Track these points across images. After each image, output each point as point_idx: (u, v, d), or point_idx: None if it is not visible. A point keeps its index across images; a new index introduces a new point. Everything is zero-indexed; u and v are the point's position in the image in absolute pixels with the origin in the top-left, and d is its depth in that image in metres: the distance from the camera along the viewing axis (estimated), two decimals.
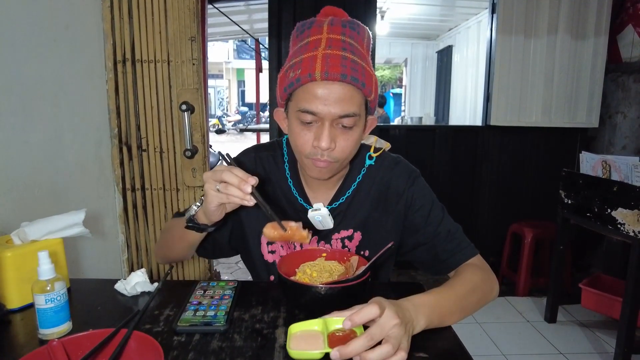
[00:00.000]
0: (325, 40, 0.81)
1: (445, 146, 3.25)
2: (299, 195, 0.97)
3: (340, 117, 0.80)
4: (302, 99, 0.81)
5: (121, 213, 1.82)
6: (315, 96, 0.79)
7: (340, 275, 0.82)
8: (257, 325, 0.74)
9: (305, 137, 0.83)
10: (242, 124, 16.27)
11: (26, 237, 0.84)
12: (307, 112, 0.80)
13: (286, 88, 0.83)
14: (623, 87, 3.04)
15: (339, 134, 0.83)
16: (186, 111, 1.68)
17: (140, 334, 0.58)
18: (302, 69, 0.79)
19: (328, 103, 0.79)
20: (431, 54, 6.21)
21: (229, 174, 0.74)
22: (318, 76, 0.77)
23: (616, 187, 2.06)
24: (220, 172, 0.75)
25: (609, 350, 2.24)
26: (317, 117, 0.80)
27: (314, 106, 0.79)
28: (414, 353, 0.67)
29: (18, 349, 0.68)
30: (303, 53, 0.81)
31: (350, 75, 0.78)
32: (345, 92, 0.79)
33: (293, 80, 0.81)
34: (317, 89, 0.79)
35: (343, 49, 0.80)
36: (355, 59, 0.80)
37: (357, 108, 0.81)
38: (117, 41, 1.70)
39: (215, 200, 0.76)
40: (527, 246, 2.84)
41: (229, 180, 0.73)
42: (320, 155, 0.83)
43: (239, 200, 0.74)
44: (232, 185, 0.73)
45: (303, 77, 0.79)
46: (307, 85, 0.80)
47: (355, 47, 0.82)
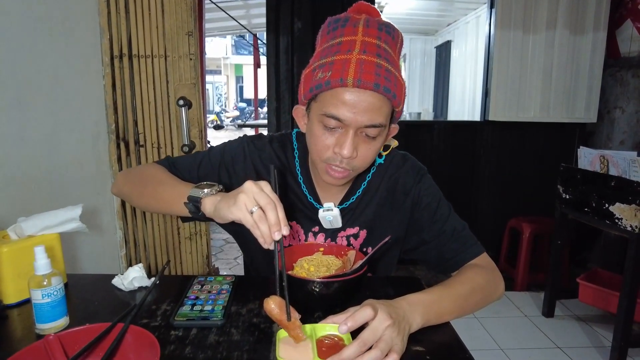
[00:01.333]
0: (360, 43, 0.77)
1: (443, 141, 3.25)
2: (309, 194, 0.96)
3: (366, 127, 0.78)
4: (328, 103, 0.77)
5: (119, 209, 1.82)
6: (344, 102, 0.75)
7: (338, 270, 0.82)
8: (255, 320, 0.74)
9: (326, 141, 0.80)
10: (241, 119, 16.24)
11: (23, 232, 0.83)
12: (333, 118, 0.77)
13: (312, 89, 0.79)
14: (622, 82, 3.04)
15: (361, 143, 0.80)
16: (183, 106, 1.67)
17: (137, 328, 0.58)
18: (334, 71, 0.75)
19: (356, 111, 0.75)
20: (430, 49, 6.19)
21: (272, 211, 0.67)
22: (350, 82, 0.74)
23: (614, 182, 2.06)
24: (266, 201, 0.67)
25: (606, 344, 2.25)
26: (342, 124, 0.77)
27: (340, 112, 0.76)
28: (411, 347, 0.67)
29: (15, 344, 0.68)
30: (335, 54, 0.77)
31: (384, 86, 0.74)
32: (375, 102, 0.76)
33: (322, 82, 0.77)
34: (347, 95, 0.75)
35: (378, 55, 0.76)
36: (389, 67, 0.76)
37: (384, 119, 0.78)
38: (113, 36, 1.70)
39: (240, 217, 0.68)
40: (525, 241, 2.85)
41: (269, 216, 0.66)
42: (339, 161, 0.80)
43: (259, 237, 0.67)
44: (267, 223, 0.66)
45: (334, 81, 0.75)
46: (337, 90, 0.76)
47: (389, 54, 0.79)
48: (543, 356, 2.18)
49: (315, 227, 0.96)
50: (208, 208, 0.75)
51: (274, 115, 2.95)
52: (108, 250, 1.82)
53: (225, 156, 0.96)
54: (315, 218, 0.94)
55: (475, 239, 0.95)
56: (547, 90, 3.10)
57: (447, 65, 5.33)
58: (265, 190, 0.69)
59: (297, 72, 2.87)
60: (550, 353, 2.21)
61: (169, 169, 0.96)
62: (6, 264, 0.79)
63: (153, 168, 0.94)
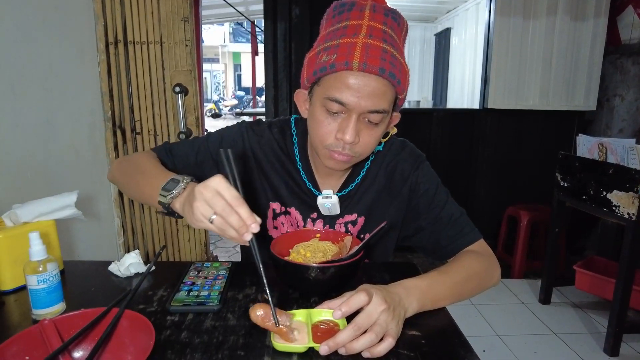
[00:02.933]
0: (366, 27, 0.76)
1: (442, 129, 3.24)
2: (307, 180, 0.95)
3: (369, 112, 0.77)
4: (332, 86, 0.76)
5: (116, 197, 1.81)
6: (348, 86, 0.75)
7: (334, 255, 0.82)
8: (251, 305, 0.74)
9: (328, 127, 0.79)
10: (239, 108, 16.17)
11: (18, 219, 0.83)
12: (336, 102, 0.76)
13: (316, 72, 0.78)
14: (622, 69, 3.02)
15: (363, 129, 0.79)
16: (180, 93, 1.66)
17: (132, 312, 0.58)
18: (339, 54, 0.74)
19: (360, 96, 0.75)
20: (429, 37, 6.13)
21: (232, 215, 0.61)
22: (355, 66, 0.73)
23: (612, 170, 2.06)
24: (222, 205, 0.61)
25: (601, 330, 2.27)
26: (345, 109, 0.77)
27: (344, 96, 0.75)
28: (406, 331, 0.67)
29: (12, 330, 0.69)
30: (341, 37, 0.76)
31: (389, 71, 0.74)
32: (379, 87, 0.75)
33: (326, 65, 0.76)
34: (351, 79, 0.74)
35: (384, 41, 0.75)
36: (395, 53, 0.76)
37: (387, 105, 0.78)
38: (108, 22, 1.68)
39: (202, 227, 0.64)
40: (522, 229, 2.86)
41: (230, 220, 0.61)
42: (341, 148, 0.80)
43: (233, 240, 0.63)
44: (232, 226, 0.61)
45: (339, 64, 0.74)
46: (341, 73, 0.75)
47: (395, 40, 0.78)
48: (539, 342, 2.21)
49: (313, 213, 0.96)
50: (178, 209, 0.71)
51: (272, 103, 2.93)
52: (106, 238, 1.82)
53: (224, 143, 0.95)
54: (313, 205, 0.94)
55: (472, 226, 0.94)
56: (546, 77, 3.09)
57: (447, 53, 5.28)
58: (220, 191, 0.61)
59: (295, 60, 2.85)
60: (546, 339, 2.23)
61: (165, 155, 0.95)
62: (2, 250, 0.79)
63: (143, 156, 0.90)
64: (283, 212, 0.96)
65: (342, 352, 0.60)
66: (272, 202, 0.97)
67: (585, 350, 2.13)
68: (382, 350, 0.60)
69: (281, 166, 0.96)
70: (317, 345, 0.60)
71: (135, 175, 0.86)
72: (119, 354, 0.56)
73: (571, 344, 2.18)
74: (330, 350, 0.59)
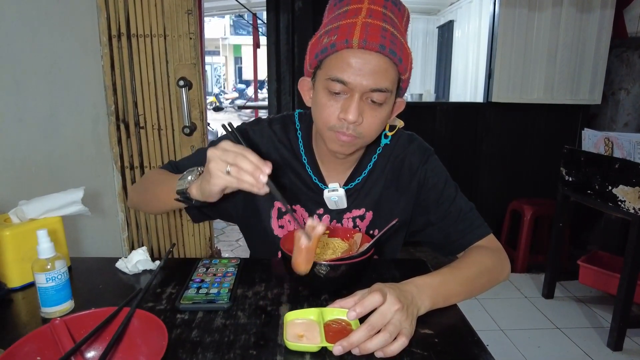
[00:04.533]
0: (366, 9, 0.76)
1: (445, 123, 3.22)
2: (313, 174, 0.94)
3: (372, 91, 0.76)
4: (333, 66, 0.76)
5: (120, 191, 1.80)
6: (349, 64, 0.74)
7: (344, 252, 0.81)
8: (261, 302, 0.74)
9: (331, 107, 0.78)
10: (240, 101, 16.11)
11: (24, 215, 0.82)
12: (338, 81, 0.76)
13: (318, 54, 0.78)
14: (627, 62, 2.99)
15: (367, 109, 0.78)
16: (184, 87, 1.64)
17: (143, 312, 0.57)
18: (339, 35, 0.75)
19: (361, 74, 0.74)
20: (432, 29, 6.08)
21: (244, 160, 0.65)
22: (355, 43, 0.73)
23: (618, 164, 2.04)
24: (233, 155, 0.66)
25: (605, 324, 2.28)
26: (347, 88, 0.76)
27: (345, 75, 0.75)
28: (419, 330, 0.66)
29: (20, 327, 0.68)
30: (341, 20, 0.77)
31: (389, 48, 0.74)
32: (381, 64, 0.75)
33: (327, 46, 0.76)
34: (352, 57, 0.74)
35: (384, 21, 0.76)
36: (395, 32, 0.76)
37: (390, 84, 0.77)
38: (111, 15, 1.65)
39: (221, 183, 0.67)
40: (526, 223, 2.85)
41: (243, 166, 0.65)
42: (345, 128, 0.78)
43: (250, 188, 0.66)
44: (247, 172, 0.65)
45: (339, 43, 0.74)
46: (342, 52, 0.75)
47: (395, 23, 0.78)
48: (542, 337, 2.21)
49: (320, 209, 0.95)
50: (195, 194, 0.75)
51: (274, 96, 2.91)
52: (110, 233, 1.81)
53: None
54: (320, 200, 0.93)
55: (481, 220, 0.94)
56: (551, 71, 3.06)
57: (450, 46, 5.24)
58: (228, 148, 0.67)
59: (298, 52, 2.82)
60: (550, 333, 2.24)
61: (172, 169, 0.96)
62: (9, 247, 0.78)
63: (152, 172, 0.96)
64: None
65: (356, 353, 0.59)
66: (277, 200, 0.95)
67: (588, 344, 2.13)
68: (395, 349, 0.60)
69: (285, 163, 0.95)
70: (329, 345, 0.59)
71: (150, 188, 0.91)
72: (132, 354, 0.55)
73: (574, 339, 2.18)
74: (344, 350, 0.58)
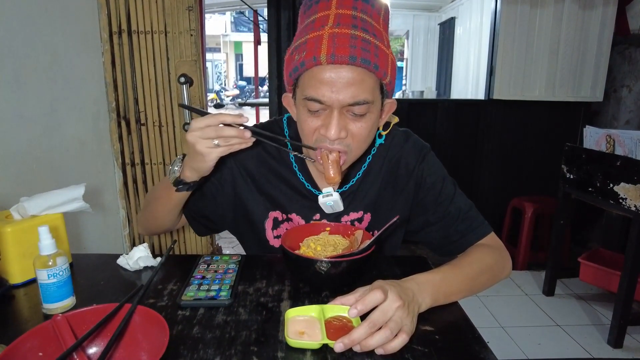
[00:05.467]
0: (333, 17, 0.72)
1: (447, 120, 3.21)
2: (305, 181, 0.92)
3: (351, 105, 0.73)
4: (307, 85, 0.74)
5: (121, 188, 1.81)
6: (322, 82, 0.71)
7: (345, 249, 0.81)
8: (262, 299, 0.74)
9: (312, 124, 0.77)
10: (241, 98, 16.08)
11: (26, 212, 0.83)
12: (314, 100, 0.73)
13: (291, 73, 0.76)
14: (630, 59, 2.98)
15: (349, 122, 0.76)
16: (185, 84, 1.64)
17: (145, 308, 0.57)
18: (307, 51, 0.71)
19: (336, 89, 0.71)
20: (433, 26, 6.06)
21: (225, 129, 0.71)
22: (324, 59, 0.69)
23: (619, 162, 2.04)
24: (214, 130, 0.71)
25: (605, 322, 2.28)
26: (325, 105, 0.73)
27: (320, 93, 0.72)
28: (420, 327, 0.66)
29: (22, 324, 0.68)
30: (309, 32, 0.73)
31: (361, 57, 0.69)
32: (354, 76, 0.71)
33: (297, 64, 0.73)
34: (323, 73, 0.71)
35: (353, 27, 0.71)
36: (366, 37, 0.71)
37: (369, 94, 0.73)
38: (112, 11, 1.65)
39: (215, 155, 0.73)
40: (527, 221, 2.85)
41: (228, 134, 0.71)
42: (329, 142, 0.76)
43: (239, 147, 0.73)
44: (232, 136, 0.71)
45: (308, 61, 0.71)
46: (312, 70, 0.72)
47: (368, 23, 0.74)
48: (543, 334, 2.21)
49: (316, 214, 0.93)
50: (190, 175, 0.79)
51: (275, 93, 2.90)
52: (111, 229, 1.81)
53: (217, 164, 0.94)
54: (315, 206, 0.91)
55: (481, 219, 0.93)
56: (553, 68, 3.05)
57: (451, 43, 5.22)
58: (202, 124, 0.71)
59: None
60: (550, 331, 2.24)
61: None
62: (10, 244, 0.78)
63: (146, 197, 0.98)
64: (285, 220, 0.93)
65: (357, 350, 0.59)
66: (272, 211, 0.93)
67: (588, 342, 2.13)
68: (396, 346, 0.60)
69: (275, 173, 0.93)
70: (330, 342, 0.59)
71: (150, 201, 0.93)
72: (133, 350, 0.56)
73: (575, 336, 2.18)
74: (346, 347, 0.58)
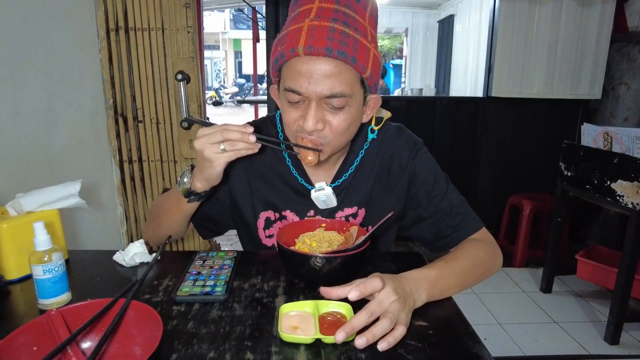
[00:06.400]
0: (315, 9, 0.73)
1: (445, 118, 3.22)
2: (299, 176, 0.93)
3: (328, 97, 0.74)
4: (287, 76, 0.76)
5: (119, 185, 1.81)
6: (299, 73, 0.73)
7: (340, 245, 0.81)
8: (257, 294, 0.74)
9: (291, 114, 0.78)
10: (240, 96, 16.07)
11: (21, 208, 0.83)
12: (292, 91, 0.75)
13: (273, 65, 0.78)
14: (628, 57, 2.98)
15: (328, 114, 0.77)
16: (182, 81, 1.64)
17: (139, 303, 0.58)
18: (287, 42, 0.73)
19: (313, 81, 0.72)
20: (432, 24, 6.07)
21: (230, 132, 0.72)
22: (301, 50, 0.71)
23: (617, 159, 2.04)
24: (219, 133, 0.73)
25: (602, 319, 2.28)
26: (303, 97, 0.75)
27: (297, 84, 0.73)
28: (414, 322, 0.67)
29: (18, 319, 0.69)
30: (291, 25, 0.75)
31: (337, 50, 0.70)
32: (331, 68, 0.72)
33: (278, 55, 0.75)
34: (300, 65, 0.72)
35: (334, 20, 0.72)
36: (346, 30, 0.72)
37: (346, 87, 0.74)
38: (109, 8, 1.65)
39: (222, 162, 0.75)
40: (525, 218, 2.86)
41: (233, 137, 0.72)
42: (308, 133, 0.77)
43: (246, 152, 0.75)
44: (237, 140, 0.73)
45: (287, 52, 0.73)
46: (291, 62, 0.74)
47: (351, 17, 0.74)
48: (540, 331, 2.22)
49: (310, 211, 0.94)
50: (201, 186, 0.81)
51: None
52: (109, 226, 1.82)
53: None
54: (309, 202, 0.92)
55: (473, 214, 0.93)
56: (551, 65, 3.05)
57: (450, 40, 5.22)
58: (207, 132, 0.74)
59: None
60: (548, 327, 2.25)
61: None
62: (6, 240, 0.78)
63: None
64: (278, 219, 0.94)
65: (361, 344, 0.58)
66: (264, 211, 0.94)
67: (585, 338, 2.14)
68: (398, 336, 0.60)
69: (269, 169, 0.94)
70: (324, 337, 0.59)
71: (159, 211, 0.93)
72: (127, 344, 0.56)
73: (572, 333, 2.19)
74: (347, 335, 0.58)
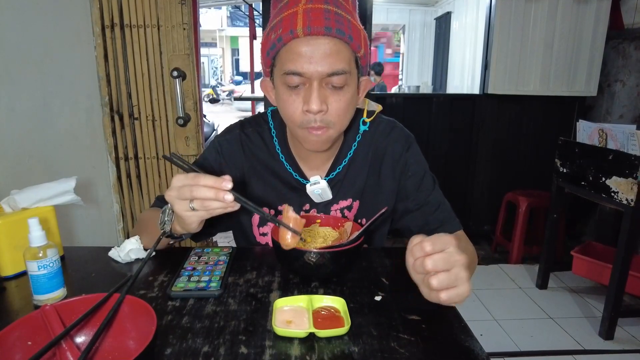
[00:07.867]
0: None
1: (442, 115, 3.22)
2: (293, 171, 0.94)
3: (329, 76, 0.75)
4: (285, 60, 0.76)
5: (115, 182, 1.81)
6: (300, 54, 0.74)
7: (334, 241, 0.82)
8: (252, 290, 0.75)
9: (294, 103, 0.78)
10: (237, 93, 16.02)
11: (16, 205, 0.83)
12: (293, 74, 0.75)
13: (269, 52, 0.78)
14: (624, 54, 2.99)
15: (329, 95, 0.78)
16: (177, 78, 1.64)
17: (133, 298, 0.58)
18: (283, 27, 0.74)
19: (314, 60, 0.73)
20: (429, 21, 6.06)
21: (200, 190, 0.63)
22: (300, 32, 0.72)
23: (611, 156, 2.06)
24: (188, 189, 0.63)
25: (597, 314, 2.30)
26: (304, 79, 0.75)
27: (299, 66, 0.74)
28: (406, 315, 0.67)
29: (13, 315, 0.69)
30: (283, 12, 0.76)
31: (336, 28, 0.73)
32: (331, 47, 0.74)
33: (275, 41, 0.76)
34: (301, 46, 0.73)
35: (326, 2, 0.75)
36: (339, 11, 0.75)
37: (346, 64, 0.76)
38: (104, 5, 1.64)
39: (194, 219, 0.67)
40: (521, 215, 2.87)
41: (203, 195, 0.63)
42: (313, 122, 0.78)
43: (222, 211, 0.65)
44: (209, 199, 0.63)
45: (285, 35, 0.74)
46: (290, 44, 0.75)
47: (340, 3, 0.77)
48: (535, 326, 2.24)
49: (305, 204, 0.95)
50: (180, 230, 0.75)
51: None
52: (105, 224, 1.82)
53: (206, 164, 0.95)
54: (304, 196, 0.93)
55: (455, 216, 0.96)
56: (547, 62, 3.06)
57: (447, 38, 5.22)
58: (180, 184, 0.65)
59: None
60: (543, 323, 2.26)
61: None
62: (1, 236, 0.78)
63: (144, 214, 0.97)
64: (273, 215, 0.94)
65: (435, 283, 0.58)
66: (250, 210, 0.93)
67: (580, 333, 2.16)
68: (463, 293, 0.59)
69: (262, 165, 0.94)
70: (317, 331, 0.60)
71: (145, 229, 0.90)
72: (121, 339, 0.56)
73: (567, 328, 2.21)
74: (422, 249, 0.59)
